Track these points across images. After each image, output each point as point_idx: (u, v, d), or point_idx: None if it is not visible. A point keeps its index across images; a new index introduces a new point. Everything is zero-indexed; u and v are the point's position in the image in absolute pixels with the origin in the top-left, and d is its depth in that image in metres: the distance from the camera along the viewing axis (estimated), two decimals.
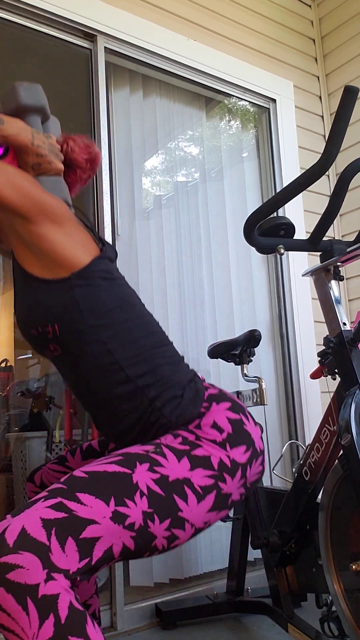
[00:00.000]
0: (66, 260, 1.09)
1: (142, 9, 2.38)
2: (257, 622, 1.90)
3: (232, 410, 1.11)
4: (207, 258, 2.54)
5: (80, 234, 1.13)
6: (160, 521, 0.94)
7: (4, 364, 4.05)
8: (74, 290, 1.09)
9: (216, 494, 1.01)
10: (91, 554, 0.87)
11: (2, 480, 3.46)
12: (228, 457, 1.04)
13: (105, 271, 1.13)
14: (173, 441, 1.05)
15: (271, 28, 2.87)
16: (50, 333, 1.10)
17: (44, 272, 1.10)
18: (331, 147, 1.25)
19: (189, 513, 0.97)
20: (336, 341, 1.48)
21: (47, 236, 1.07)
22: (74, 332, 1.09)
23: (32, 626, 0.77)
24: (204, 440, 1.06)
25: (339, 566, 1.43)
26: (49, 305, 1.09)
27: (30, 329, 1.13)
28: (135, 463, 0.97)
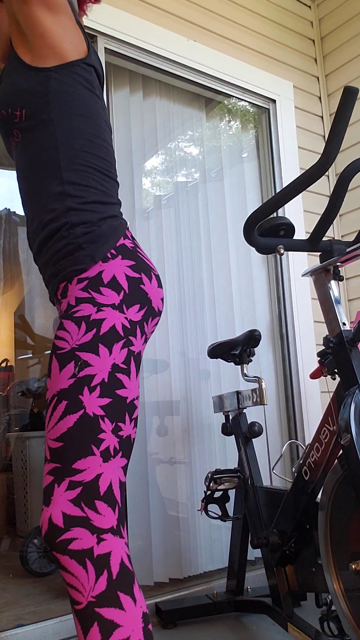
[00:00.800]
0: (53, 50, 1.12)
1: (142, 10, 2.39)
2: (257, 621, 1.90)
3: (133, 268, 1.11)
4: (207, 258, 2.54)
5: (72, 29, 1.15)
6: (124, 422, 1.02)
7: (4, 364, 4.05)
8: (50, 81, 1.12)
9: (134, 359, 1.07)
10: (116, 499, 0.99)
11: (2, 480, 3.46)
12: (126, 319, 1.07)
13: (86, 80, 1.16)
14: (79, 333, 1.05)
15: (271, 29, 2.88)
16: (17, 117, 1.14)
17: (33, 59, 1.13)
18: (331, 147, 1.26)
19: (130, 392, 1.04)
20: (336, 341, 1.48)
21: (37, 19, 1.10)
22: (36, 120, 1.12)
23: (90, 581, 0.92)
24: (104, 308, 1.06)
25: (338, 565, 1.43)
26: (24, 89, 1.13)
27: (2, 109, 1.16)
28: (78, 398, 1.00)
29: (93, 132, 1.16)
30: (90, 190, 1.12)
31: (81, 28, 1.20)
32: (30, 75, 1.13)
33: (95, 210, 1.12)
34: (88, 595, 0.91)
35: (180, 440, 2.32)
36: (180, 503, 2.27)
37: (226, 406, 2.06)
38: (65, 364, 1.04)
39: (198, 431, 2.37)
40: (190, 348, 2.41)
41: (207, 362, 2.44)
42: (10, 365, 4.17)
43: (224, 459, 2.42)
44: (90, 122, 1.16)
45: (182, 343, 2.39)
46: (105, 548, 0.94)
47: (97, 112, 1.19)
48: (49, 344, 3.93)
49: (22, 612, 2.04)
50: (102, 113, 1.21)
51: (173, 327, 2.37)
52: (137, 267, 1.12)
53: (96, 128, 1.17)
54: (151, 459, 2.24)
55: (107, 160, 1.18)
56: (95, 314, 1.06)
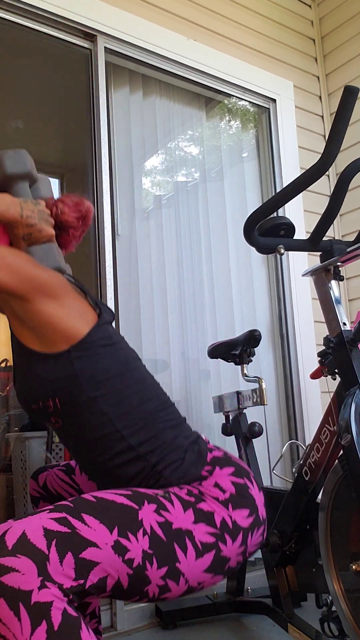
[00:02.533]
0: (64, 334, 1.08)
1: (142, 9, 2.38)
2: (257, 622, 1.90)
3: (236, 475, 1.09)
4: (207, 258, 2.54)
5: (76, 303, 1.12)
6: (158, 566, 0.93)
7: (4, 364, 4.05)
8: (74, 362, 1.08)
9: (215, 554, 0.99)
10: (87, 577, 0.85)
11: (2, 481, 3.46)
12: (230, 517, 1.02)
13: (104, 338, 1.12)
14: (179, 491, 1.03)
15: (271, 28, 2.87)
16: (51, 407, 1.10)
17: (43, 346, 1.09)
18: (331, 147, 1.25)
19: (186, 567, 0.95)
20: (336, 341, 1.48)
21: (43, 312, 1.06)
22: (75, 404, 1.08)
23: (24, 633, 0.76)
24: (207, 496, 1.04)
25: (339, 566, 1.43)
26: (49, 379, 1.08)
27: (31, 404, 1.12)
28: (144, 501, 0.97)
29: (132, 382, 1.13)
30: (161, 435, 1.10)
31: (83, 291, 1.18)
32: (49, 362, 1.08)
33: (175, 448, 1.10)
34: None
35: None
36: None
37: (226, 406, 2.06)
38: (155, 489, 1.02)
39: (198, 431, 2.36)
40: (190, 348, 2.40)
41: (207, 362, 2.44)
42: (10, 366, 4.17)
43: None
44: (125, 375, 1.12)
45: (182, 343, 2.39)
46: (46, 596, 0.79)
47: (125, 359, 1.15)
48: None
49: None
50: (127, 353, 1.16)
51: (173, 327, 2.37)
52: (239, 472, 1.10)
53: (132, 375, 1.14)
54: None
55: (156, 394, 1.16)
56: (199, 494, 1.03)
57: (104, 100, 2.22)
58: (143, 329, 2.30)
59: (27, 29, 2.09)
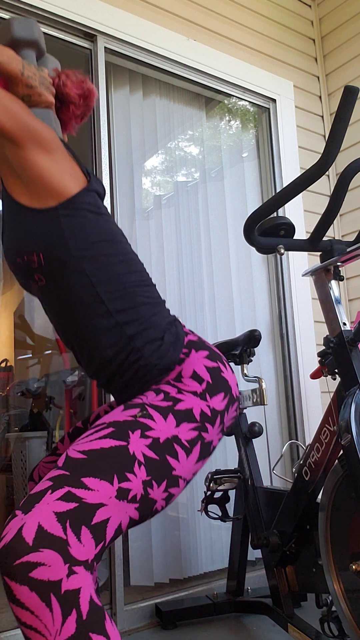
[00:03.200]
0: (54, 189, 1.09)
1: (142, 9, 2.38)
2: (257, 622, 1.90)
3: (209, 358, 1.13)
4: (207, 258, 2.54)
5: (68, 163, 1.13)
6: (158, 485, 0.97)
7: (4, 364, 4.05)
8: (60, 219, 1.10)
9: (201, 444, 1.05)
10: (104, 537, 0.89)
11: (2, 480, 3.46)
12: (208, 406, 1.07)
13: (92, 204, 1.14)
14: (155, 399, 1.06)
15: (271, 28, 2.87)
16: (35, 262, 1.12)
17: (32, 201, 1.11)
18: (331, 147, 1.25)
19: (181, 469, 1.01)
20: (336, 341, 1.48)
21: (35, 162, 1.08)
22: (58, 262, 1.10)
23: (55, 623, 0.78)
24: (185, 393, 1.08)
25: (339, 566, 1.43)
26: (36, 234, 1.10)
27: (16, 258, 1.14)
28: (128, 433, 0.98)
29: (117, 252, 1.15)
30: (140, 309, 1.12)
31: (74, 157, 1.19)
32: (37, 217, 1.10)
33: (153, 325, 1.12)
34: None
35: None
36: (180, 503, 2.26)
37: None
38: (130, 408, 1.03)
39: None
40: None
41: None
42: (10, 366, 4.17)
43: (224, 459, 2.41)
44: (111, 244, 1.15)
45: None
46: (74, 583, 0.81)
47: (112, 231, 1.17)
48: (49, 344, 3.93)
49: None
50: (114, 228, 1.19)
51: None
52: (212, 355, 1.13)
53: (117, 246, 1.16)
54: None
55: (139, 270, 1.17)
56: (176, 394, 1.07)
57: (104, 100, 2.22)
58: None
59: None
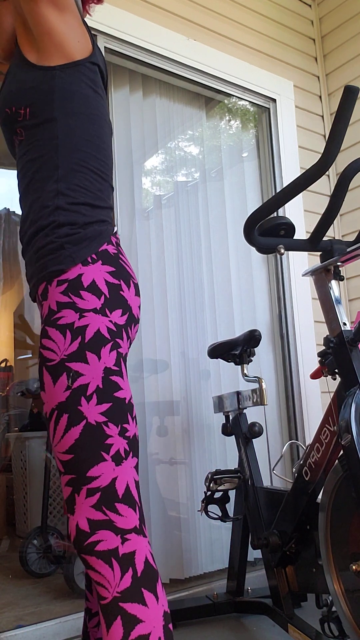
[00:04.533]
0: (58, 48, 1.12)
1: (142, 9, 2.38)
2: (257, 622, 1.90)
3: (113, 275, 1.11)
4: (207, 258, 2.54)
5: (79, 28, 1.16)
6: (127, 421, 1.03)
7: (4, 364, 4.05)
8: (55, 80, 1.13)
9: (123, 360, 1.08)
10: (134, 499, 1.01)
11: (1, 480, 3.46)
12: (111, 322, 1.07)
13: (90, 79, 1.17)
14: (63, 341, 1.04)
15: (271, 28, 2.87)
16: (21, 115, 1.14)
17: (38, 57, 1.14)
18: (331, 147, 1.25)
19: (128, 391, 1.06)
20: (336, 341, 1.48)
21: (46, 17, 1.11)
22: (40, 118, 1.13)
23: (116, 578, 0.95)
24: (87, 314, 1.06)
25: (339, 566, 1.43)
26: (29, 87, 1.13)
27: (6, 107, 1.17)
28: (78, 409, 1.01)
29: (94, 133, 1.16)
30: (82, 191, 1.12)
31: (86, 27, 1.21)
32: (36, 74, 1.14)
33: (83, 212, 1.11)
34: (113, 591, 0.95)
35: (180, 440, 2.31)
36: (180, 503, 2.26)
37: (226, 406, 2.06)
38: (58, 377, 1.03)
39: (198, 431, 2.36)
40: (190, 348, 2.40)
41: (207, 362, 2.44)
42: (10, 366, 4.17)
43: (224, 459, 2.41)
44: (93, 122, 1.16)
45: (182, 343, 2.39)
46: (129, 547, 0.98)
47: (100, 113, 1.19)
48: None
49: (22, 612, 2.04)
50: (104, 113, 1.21)
51: (173, 327, 2.37)
52: (117, 273, 1.12)
53: (97, 129, 1.17)
54: (151, 459, 2.24)
55: (104, 162, 1.18)
56: (79, 321, 1.05)
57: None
58: (143, 329, 2.30)
59: None
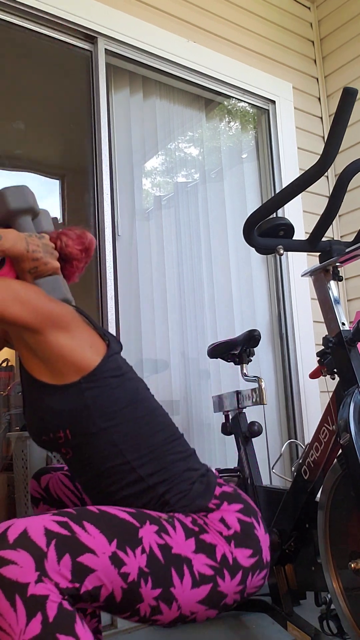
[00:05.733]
0: (75, 365, 1.09)
1: (142, 11, 2.39)
2: (256, 620, 1.90)
3: (243, 512, 1.08)
4: (207, 258, 2.55)
5: (86, 334, 1.13)
6: (152, 587, 0.93)
7: (5, 364, 4.06)
8: (85, 393, 1.09)
9: (212, 588, 0.98)
10: (82, 582, 0.86)
11: (2, 480, 3.47)
12: (231, 553, 1.01)
13: (114, 369, 1.13)
14: (184, 518, 1.03)
15: (270, 30, 2.88)
16: (62, 438, 1.11)
17: (53, 378, 1.10)
18: (330, 148, 1.26)
19: (181, 593, 0.96)
20: (335, 341, 1.49)
21: (55, 343, 1.08)
22: (85, 435, 1.09)
23: (20, 623, 0.79)
24: (211, 529, 1.03)
25: (338, 564, 1.44)
26: (60, 411, 1.09)
27: (42, 436, 1.13)
28: (146, 521, 0.97)
29: (143, 413, 1.13)
30: (171, 467, 1.10)
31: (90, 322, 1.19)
32: (60, 394, 1.09)
33: (184, 480, 1.09)
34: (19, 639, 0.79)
35: None
36: None
37: (226, 406, 2.07)
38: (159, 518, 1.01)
39: (198, 431, 2.37)
40: (190, 348, 2.41)
41: (207, 362, 2.45)
42: (11, 365, 4.17)
43: (223, 459, 2.42)
44: (135, 406, 1.13)
45: (182, 343, 2.40)
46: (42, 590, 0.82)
47: (135, 390, 1.16)
48: None
49: None
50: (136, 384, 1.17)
51: (173, 327, 2.38)
52: (247, 510, 1.08)
53: (142, 406, 1.14)
54: None
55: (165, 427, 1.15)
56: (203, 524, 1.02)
57: (104, 102, 2.23)
58: (143, 329, 2.30)
59: (27, 31, 2.10)
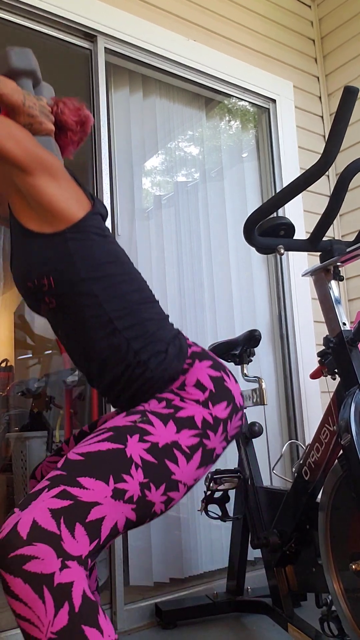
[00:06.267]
0: (61, 214, 1.14)
1: (142, 10, 2.38)
2: (257, 621, 1.90)
3: (213, 368, 1.15)
4: (207, 258, 2.54)
5: (73, 188, 1.18)
6: (157, 488, 0.99)
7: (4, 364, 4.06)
8: (68, 243, 1.14)
9: (202, 451, 1.07)
10: (99, 535, 0.92)
11: (2, 480, 3.46)
12: (210, 414, 1.09)
13: (97, 227, 1.19)
14: (157, 406, 1.09)
15: (271, 28, 2.88)
16: (46, 285, 1.15)
17: (42, 226, 1.15)
18: (331, 147, 1.25)
19: (181, 474, 1.03)
20: (336, 341, 1.48)
21: (44, 189, 1.13)
22: (68, 284, 1.14)
23: (48, 614, 0.81)
24: (187, 401, 1.10)
25: (338, 566, 1.43)
26: (45, 258, 1.14)
27: (27, 282, 1.18)
28: (126, 436, 1.01)
29: (122, 272, 1.19)
30: (146, 325, 1.15)
31: (78, 182, 1.23)
32: (46, 241, 1.15)
33: (158, 339, 1.15)
34: (47, 631, 0.81)
35: None
36: (180, 503, 2.27)
37: None
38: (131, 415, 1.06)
39: None
40: None
41: None
42: (10, 365, 4.17)
43: (224, 459, 2.42)
44: (116, 264, 1.19)
45: None
46: (67, 577, 0.84)
47: (116, 252, 1.22)
48: (49, 344, 3.94)
49: None
50: (117, 249, 1.23)
51: None
52: (216, 365, 1.16)
53: (122, 266, 1.20)
54: None
55: (143, 288, 1.21)
56: (179, 402, 1.09)
57: (104, 101, 2.22)
58: None
59: (27, 29, 2.09)
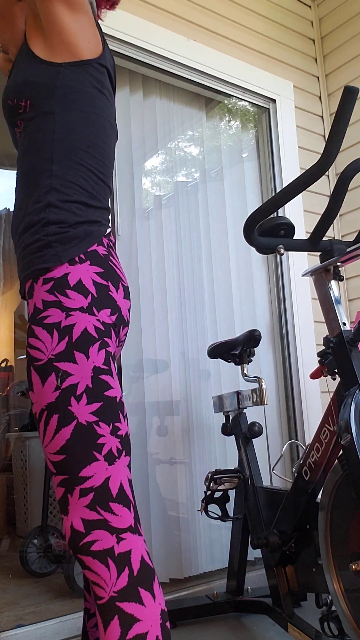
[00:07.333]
0: (67, 47, 1.13)
1: (142, 10, 2.38)
2: (257, 621, 1.90)
3: (101, 275, 1.09)
4: (207, 258, 2.54)
5: (90, 29, 1.16)
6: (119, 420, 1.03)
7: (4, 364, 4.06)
8: (59, 75, 1.13)
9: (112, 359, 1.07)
10: (128, 498, 1.01)
11: (2, 480, 3.46)
12: (98, 321, 1.05)
13: (98, 80, 1.17)
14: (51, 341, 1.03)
15: (271, 28, 2.88)
16: (22, 108, 1.15)
17: (44, 52, 1.14)
18: (331, 147, 1.25)
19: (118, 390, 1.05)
20: (336, 341, 1.48)
21: (59, 16, 1.11)
22: (39, 112, 1.13)
23: (112, 578, 0.95)
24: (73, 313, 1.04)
25: (338, 566, 1.43)
26: (32, 81, 1.13)
27: (8, 99, 1.17)
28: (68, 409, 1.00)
29: (93, 131, 1.15)
30: (76, 188, 1.10)
31: (100, 30, 1.21)
32: (41, 68, 1.14)
33: (75, 211, 1.09)
34: (110, 590, 0.95)
35: (180, 440, 2.31)
36: (180, 503, 2.27)
37: (226, 406, 2.06)
38: (47, 377, 1.02)
39: (198, 431, 2.37)
40: (190, 348, 2.40)
41: (207, 362, 2.44)
42: (10, 366, 4.17)
43: (224, 459, 2.42)
44: (94, 121, 1.15)
45: (182, 343, 2.39)
46: (125, 546, 0.97)
47: (104, 113, 1.18)
48: None
49: (22, 612, 2.04)
50: (109, 115, 1.20)
51: (173, 327, 2.37)
52: (105, 274, 1.09)
53: (98, 128, 1.16)
54: (151, 459, 2.24)
55: (102, 162, 1.16)
56: (65, 320, 1.04)
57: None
58: (143, 328, 2.30)
59: None
